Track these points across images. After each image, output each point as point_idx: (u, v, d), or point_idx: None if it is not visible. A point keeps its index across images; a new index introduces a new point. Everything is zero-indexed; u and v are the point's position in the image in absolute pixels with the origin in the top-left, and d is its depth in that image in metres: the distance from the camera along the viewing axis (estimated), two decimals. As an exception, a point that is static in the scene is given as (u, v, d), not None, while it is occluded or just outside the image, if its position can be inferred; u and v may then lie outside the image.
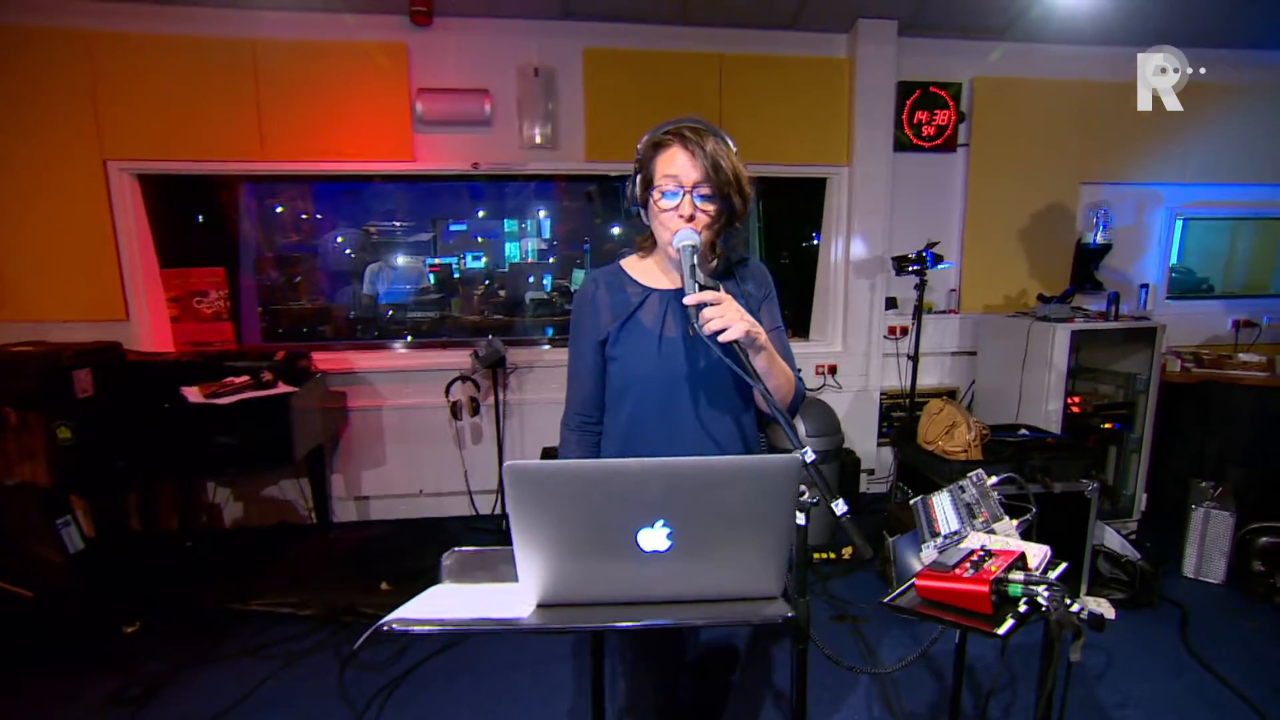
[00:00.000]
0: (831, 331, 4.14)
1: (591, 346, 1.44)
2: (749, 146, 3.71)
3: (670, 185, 1.29)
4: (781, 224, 4.53)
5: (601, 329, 1.43)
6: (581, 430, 1.49)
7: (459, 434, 3.79)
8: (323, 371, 3.43)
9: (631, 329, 1.41)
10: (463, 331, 4.99)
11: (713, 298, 1.20)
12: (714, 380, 1.39)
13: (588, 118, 3.69)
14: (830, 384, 4.08)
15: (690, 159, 1.28)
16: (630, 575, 0.99)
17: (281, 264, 4.89)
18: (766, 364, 1.29)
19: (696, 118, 1.34)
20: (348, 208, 6.15)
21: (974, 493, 1.52)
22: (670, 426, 1.38)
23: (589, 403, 1.47)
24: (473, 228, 8.81)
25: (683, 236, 1.28)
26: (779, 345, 1.42)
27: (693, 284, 1.22)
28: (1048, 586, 1.06)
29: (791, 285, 4.42)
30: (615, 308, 1.42)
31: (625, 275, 1.46)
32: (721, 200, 1.31)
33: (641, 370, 1.39)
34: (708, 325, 1.18)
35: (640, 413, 1.40)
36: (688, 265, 1.24)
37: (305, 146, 3.45)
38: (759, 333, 1.24)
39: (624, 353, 1.41)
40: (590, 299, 1.45)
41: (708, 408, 1.39)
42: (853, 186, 3.95)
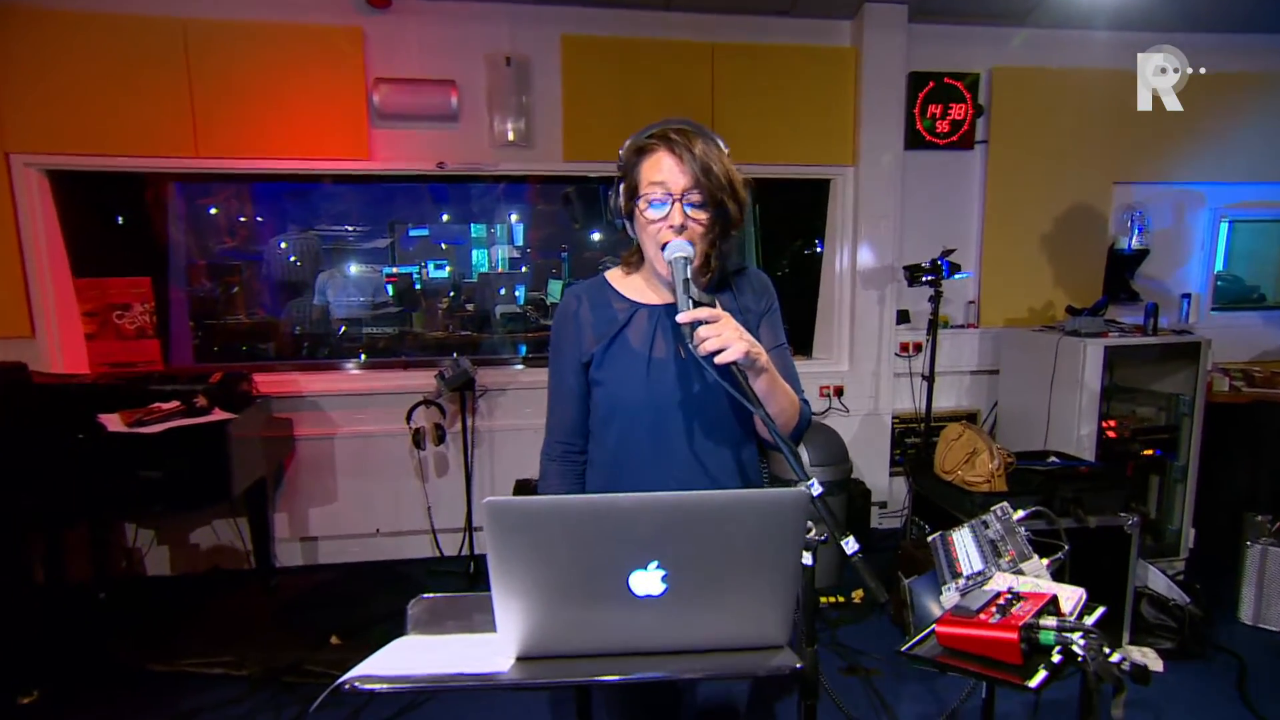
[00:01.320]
0: (837, 349, 4.17)
1: (573, 368, 1.46)
2: (744, 145, 3.85)
3: (657, 193, 1.31)
4: (781, 231, 4.58)
5: (585, 349, 1.44)
6: (564, 460, 1.50)
7: (421, 465, 3.78)
8: (265, 395, 3.41)
9: (617, 350, 1.42)
10: (426, 350, 5.00)
11: (708, 315, 1.22)
12: (710, 406, 1.41)
13: (566, 113, 3.73)
14: (836, 407, 4.11)
15: (678, 164, 1.30)
16: (621, 623, 1.00)
17: (218, 273, 4.87)
18: (768, 387, 1.30)
19: (683, 119, 1.37)
20: (295, 210, 6.15)
21: (998, 528, 1.55)
22: (661, 458, 1.40)
23: (572, 429, 1.49)
24: (436, 233, 8.85)
25: (674, 248, 1.30)
26: (781, 365, 1.44)
27: (686, 300, 1.24)
28: (1084, 634, 1.08)
29: (793, 298, 4.46)
30: (599, 325, 1.44)
31: (610, 289, 1.48)
32: (714, 208, 1.33)
33: (628, 395, 1.41)
34: (703, 345, 1.19)
35: (627, 442, 1.42)
36: (680, 280, 1.26)
37: (246, 142, 3.46)
38: (759, 353, 1.26)
39: (609, 376, 1.43)
40: (572, 316, 1.47)
41: (703, 438, 1.41)
42: (859, 188, 4.00)
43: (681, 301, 1.24)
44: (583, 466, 1.51)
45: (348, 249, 6.15)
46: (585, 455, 1.50)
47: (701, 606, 1.01)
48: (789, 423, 1.39)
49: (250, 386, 3.28)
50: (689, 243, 1.31)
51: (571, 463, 1.50)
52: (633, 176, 1.36)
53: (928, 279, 3.60)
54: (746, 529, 0.98)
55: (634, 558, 0.98)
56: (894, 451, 4.20)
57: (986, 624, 1.13)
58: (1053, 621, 1.11)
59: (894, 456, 4.20)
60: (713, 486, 1.41)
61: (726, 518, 0.98)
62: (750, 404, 1.18)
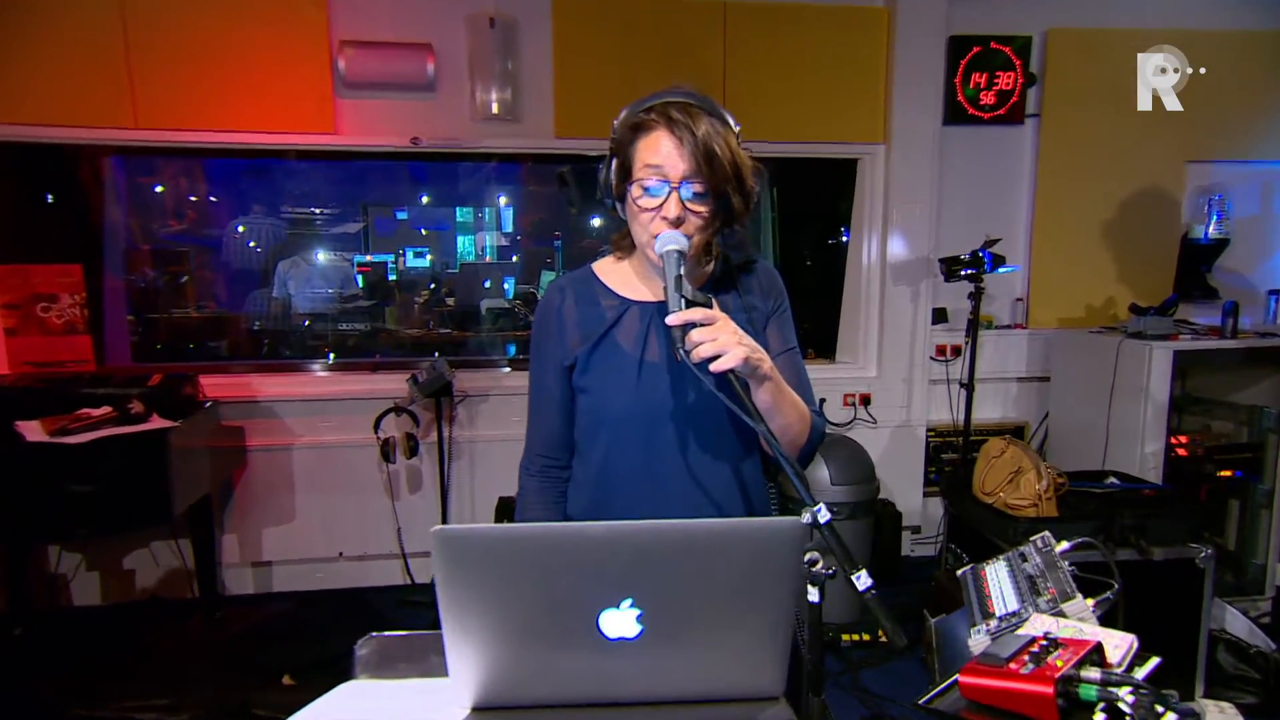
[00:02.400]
0: (864, 352, 4.17)
1: (556, 372, 1.47)
2: (759, 121, 3.86)
3: (652, 179, 1.31)
4: (802, 217, 4.59)
5: (568, 351, 1.45)
6: (544, 476, 1.51)
7: (391, 480, 3.79)
8: (214, 400, 3.42)
9: (605, 352, 1.43)
10: (400, 350, 5.03)
11: (703, 316, 1.21)
12: (708, 417, 1.40)
13: (558, 82, 3.74)
14: (863, 418, 4.11)
15: (677, 146, 1.30)
16: (590, 669, 0.99)
17: (163, 261, 4.91)
18: (772, 398, 1.30)
19: (688, 90, 1.36)
20: (255, 189, 6.18)
21: (1038, 562, 1.52)
22: (652, 476, 1.41)
23: (554, 442, 1.50)
24: (416, 217, 8.91)
25: (666, 240, 1.29)
26: (791, 372, 1.44)
27: (678, 299, 1.23)
28: (1133, 688, 1.05)
29: (814, 294, 4.48)
30: (585, 324, 1.45)
31: (598, 283, 1.49)
32: (716, 199, 1.33)
33: (616, 404, 1.41)
34: (696, 351, 1.19)
35: (614, 459, 1.42)
36: (672, 276, 1.25)
37: (190, 112, 3.48)
38: (761, 359, 1.26)
39: (595, 382, 1.43)
40: (555, 312, 1.47)
41: (699, 452, 1.41)
42: (891, 169, 4.00)
43: (673, 300, 1.24)
44: (565, 484, 1.51)
45: (315, 234, 6.19)
46: (568, 471, 1.51)
47: (682, 651, 0.99)
48: (797, 439, 1.39)
49: (195, 390, 3.29)
50: (684, 235, 1.31)
51: (553, 479, 1.51)
52: (626, 154, 1.35)
53: (967, 273, 3.59)
54: (734, 563, 0.96)
55: (605, 595, 0.96)
56: (928, 469, 4.21)
57: (1017, 674, 1.10)
58: (1096, 674, 1.08)
59: (929, 475, 4.21)
60: (711, 509, 1.41)
61: (711, 550, 0.96)
62: (749, 418, 1.17)
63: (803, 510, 1.09)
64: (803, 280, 4.68)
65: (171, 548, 3.64)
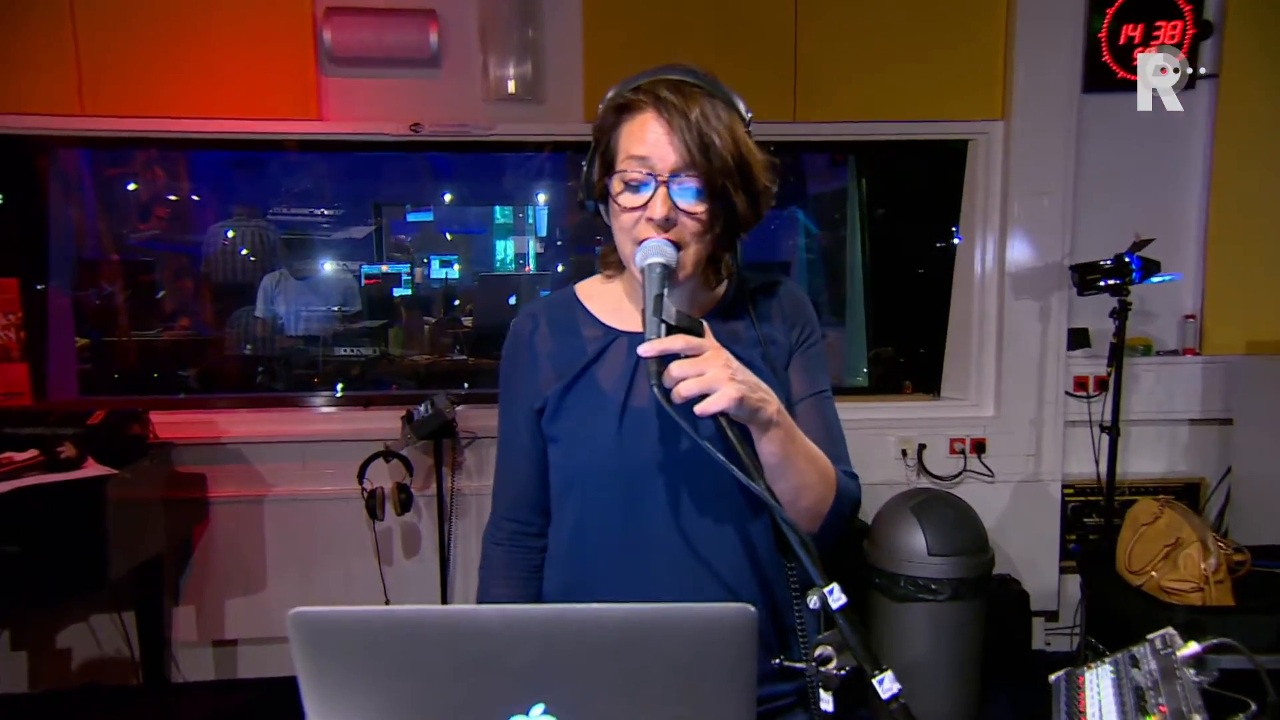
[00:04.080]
0: (977, 385, 4.11)
1: (525, 417, 1.50)
2: (840, 98, 3.85)
3: (636, 172, 1.32)
4: (896, 216, 4.56)
5: (539, 391, 1.47)
6: (513, 545, 1.54)
7: (381, 542, 3.82)
8: (166, 442, 3.51)
9: (582, 393, 1.45)
10: (409, 380, 5.11)
11: (685, 344, 1.19)
12: (707, 475, 1.39)
13: (589, 53, 3.77)
14: (975, 470, 4.02)
15: (667, 132, 1.30)
16: (494, 794, 0.97)
17: (122, 272, 5.09)
18: (781, 450, 1.28)
19: (688, 67, 1.37)
20: (242, 186, 6.44)
21: (1153, 668, 1.43)
22: (636, 548, 1.41)
23: (524, 503, 1.53)
24: (442, 218, 9.12)
25: (649, 251, 1.29)
26: (816, 422, 1.45)
27: (656, 324, 1.22)
28: None
29: (913, 312, 4.44)
30: (561, 358, 1.47)
31: (580, 308, 1.52)
32: (715, 198, 1.33)
33: (591, 457, 1.43)
34: (678, 389, 1.17)
35: (588, 526, 1.44)
36: (652, 295, 1.25)
37: (148, 96, 3.61)
38: (765, 400, 1.24)
39: (567, 429, 1.45)
40: (525, 344, 1.50)
41: (696, 518, 1.41)
42: (1011, 152, 3.93)
43: (650, 326, 1.23)
44: (538, 555, 1.54)
45: (315, 240, 6.39)
46: (544, 539, 1.54)
47: (609, 775, 0.97)
48: (816, 505, 1.38)
49: (144, 430, 3.37)
50: (670, 244, 1.30)
51: (524, 550, 1.54)
52: (609, 144, 1.37)
53: (1108, 284, 3.48)
54: (669, 660, 0.93)
55: (510, 698, 0.94)
56: (1066, 538, 4.09)
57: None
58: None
59: (1066, 545, 4.08)
60: (715, 589, 1.40)
61: (640, 643, 0.94)
62: (746, 477, 1.15)
63: (809, 593, 1.08)
64: (899, 295, 4.65)
65: (114, 622, 3.69)
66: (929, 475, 3.97)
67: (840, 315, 5.15)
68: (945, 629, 3.29)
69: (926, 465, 3.98)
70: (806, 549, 1.12)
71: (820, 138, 4.08)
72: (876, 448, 3.97)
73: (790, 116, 3.81)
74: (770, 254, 6.76)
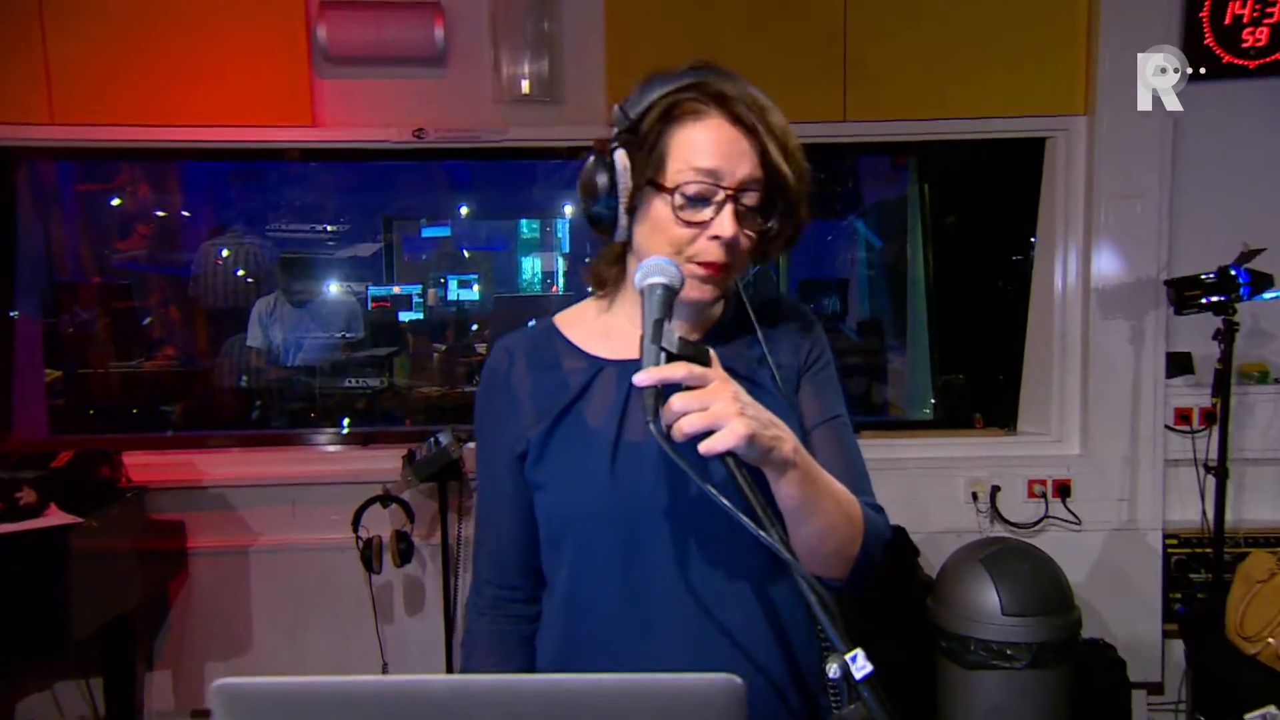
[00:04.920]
0: (1059, 418, 4.07)
1: (506, 465, 1.50)
2: (897, 92, 3.83)
3: (700, 184, 1.33)
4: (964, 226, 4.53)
5: (520, 434, 1.47)
6: (498, 614, 1.53)
7: (379, 597, 3.81)
8: (141, 486, 3.54)
9: (568, 433, 1.45)
10: (413, 415, 5.11)
11: (687, 373, 1.18)
12: (717, 519, 1.33)
13: (612, 49, 3.78)
14: (1059, 517, 3.95)
15: (742, 139, 1.34)
16: None
17: (100, 298, 5.15)
18: (801, 492, 1.27)
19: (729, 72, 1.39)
20: (237, 200, 6.54)
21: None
22: (638, 605, 1.40)
23: (510, 564, 1.53)
24: (459, 233, 9.17)
25: (650, 270, 1.29)
26: (834, 450, 1.45)
27: (655, 352, 1.22)
28: None
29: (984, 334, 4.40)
30: (542, 396, 1.48)
31: (561, 340, 1.54)
32: (784, 215, 1.38)
33: (583, 501, 1.42)
34: (679, 425, 1.17)
35: (583, 581, 1.43)
36: (651, 320, 1.25)
37: (124, 102, 3.65)
38: (779, 438, 1.22)
39: (553, 473, 1.45)
40: (502, 383, 1.52)
41: (707, 570, 1.39)
42: (1097, 150, 3.88)
43: (647, 353, 1.23)
44: (529, 625, 1.53)
45: (315, 259, 6.44)
46: (535, 606, 1.53)
47: None
48: (842, 549, 1.36)
49: (116, 472, 3.40)
50: (670, 262, 1.30)
51: (510, 619, 1.53)
52: (658, 148, 1.37)
53: (1210, 300, 3.43)
54: None
55: None
56: (1170, 596, 3.99)
57: None
58: None
59: (1170, 605, 3.98)
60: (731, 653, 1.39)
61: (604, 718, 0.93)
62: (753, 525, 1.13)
63: (828, 659, 1.05)
64: (968, 314, 4.60)
65: (80, 690, 3.69)
66: (1004, 522, 3.91)
67: (904, 338, 5.11)
68: (1025, 702, 3.21)
69: (1001, 511, 3.92)
70: (826, 609, 1.10)
71: (874, 138, 4.07)
72: (943, 490, 3.92)
73: (840, 115, 3.79)
74: (826, 269, 6.73)
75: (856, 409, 5.47)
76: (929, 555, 3.79)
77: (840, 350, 5.71)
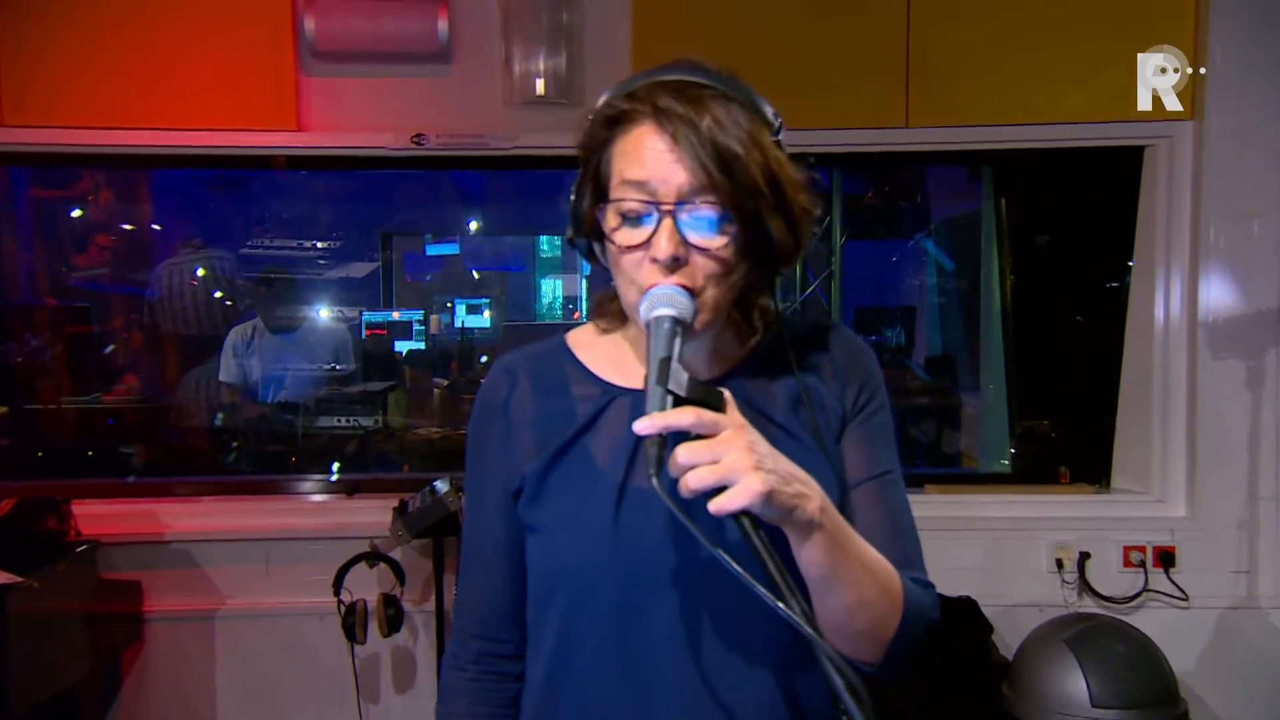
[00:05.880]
0: (1161, 473, 4.04)
1: (498, 502, 1.51)
2: (965, 91, 3.82)
3: (634, 200, 1.32)
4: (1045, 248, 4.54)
5: (516, 468, 1.47)
6: (481, 670, 1.54)
7: (363, 672, 3.77)
8: (93, 540, 3.52)
9: (570, 469, 1.45)
10: (410, 460, 5.08)
11: (695, 419, 1.16)
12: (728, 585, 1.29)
13: (639, 43, 3.78)
14: (1160, 591, 3.89)
15: (670, 147, 1.30)
16: None
17: (51, 322, 5.16)
18: (827, 562, 1.25)
19: (695, 63, 1.37)
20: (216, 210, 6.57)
21: None
22: (636, 680, 1.39)
23: (496, 613, 1.54)
24: (469, 250, 9.21)
25: (657, 300, 1.28)
26: (879, 514, 1.44)
27: (661, 395, 1.20)
28: None
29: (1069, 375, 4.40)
30: (544, 425, 1.48)
31: (572, 361, 1.54)
32: (744, 225, 1.33)
33: (580, 553, 1.42)
34: (686, 479, 1.14)
35: (572, 647, 1.43)
36: (657, 358, 1.24)
37: (82, 103, 3.67)
38: (803, 496, 1.20)
39: (551, 516, 1.45)
40: (499, 410, 1.52)
41: (716, 642, 1.38)
42: (1205, 161, 3.85)
43: (652, 397, 1.20)
44: (518, 685, 1.53)
45: (301, 280, 6.47)
46: (519, 663, 1.54)
47: None
48: (875, 628, 1.33)
49: (63, 524, 3.39)
50: (683, 290, 1.29)
51: (494, 676, 1.53)
52: (600, 166, 1.38)
53: None
54: None
55: None
56: None
57: None
58: None
59: None
60: None
61: None
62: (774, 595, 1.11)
63: None
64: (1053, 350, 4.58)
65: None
66: (1094, 596, 3.86)
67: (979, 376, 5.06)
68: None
69: (1091, 582, 3.86)
70: (855, 695, 1.09)
71: (941, 146, 4.05)
72: (1022, 555, 3.89)
73: (902, 121, 3.77)
74: (889, 296, 6.67)
75: (923, 459, 5.43)
76: (1004, 633, 3.75)
77: (905, 390, 5.79)
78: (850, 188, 5.78)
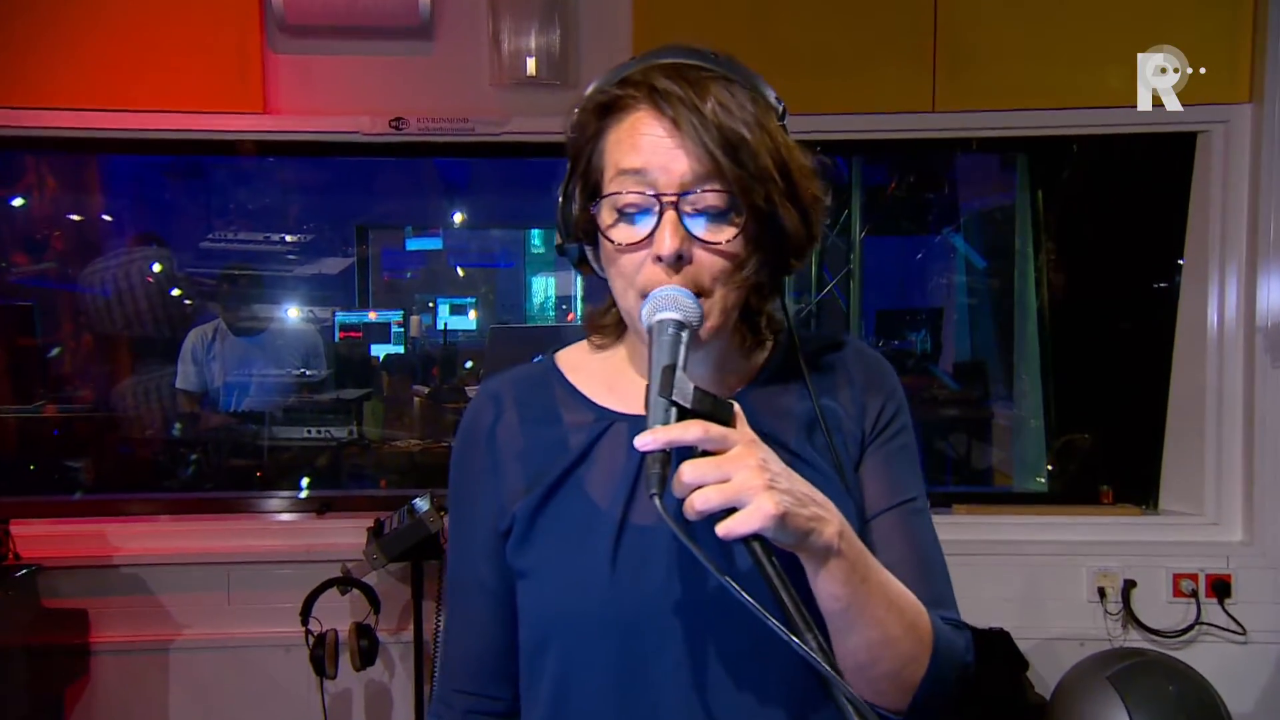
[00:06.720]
0: (1216, 494, 4.06)
1: (486, 545, 1.51)
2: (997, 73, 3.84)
3: (633, 193, 1.32)
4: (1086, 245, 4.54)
5: (504, 507, 1.48)
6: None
7: (334, 710, 3.79)
8: (33, 564, 3.52)
9: (564, 506, 1.45)
10: (387, 475, 5.09)
11: (702, 434, 1.17)
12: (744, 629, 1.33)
13: (640, 20, 3.81)
14: (1214, 624, 3.91)
15: (670, 132, 1.31)
16: None
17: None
18: (847, 594, 1.25)
19: (691, 48, 1.38)
20: (173, 200, 6.58)
21: None
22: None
23: (484, 668, 1.54)
24: (453, 245, 9.22)
25: (659, 303, 1.29)
26: (902, 545, 1.44)
27: (664, 407, 1.20)
28: None
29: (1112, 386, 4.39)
30: (534, 458, 1.49)
31: (562, 384, 1.55)
32: (754, 217, 1.33)
33: (575, 599, 1.42)
34: (690, 500, 1.15)
35: (570, 702, 1.42)
36: (660, 366, 1.24)
37: (21, 82, 3.69)
38: (819, 519, 1.20)
39: (543, 560, 1.45)
40: (485, 439, 1.53)
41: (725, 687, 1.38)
42: (1264, 149, 3.86)
43: (655, 410, 1.21)
44: None
45: (266, 276, 6.48)
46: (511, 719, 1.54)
47: None
48: (901, 670, 1.32)
49: (1, 547, 3.40)
50: (688, 293, 1.29)
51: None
52: (592, 160, 1.39)
53: None
54: None
55: None
56: None
57: None
58: None
59: None
60: None
61: None
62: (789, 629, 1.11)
63: None
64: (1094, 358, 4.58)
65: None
66: (1141, 629, 3.88)
67: (1014, 385, 5.07)
68: None
69: (1137, 613, 3.87)
70: None
71: (971, 132, 4.09)
72: (1061, 583, 3.91)
73: (928, 105, 3.80)
74: (914, 297, 6.68)
75: (951, 476, 5.43)
76: (1041, 669, 3.76)
77: (931, 400, 5.81)
78: (871, 178, 5.81)
